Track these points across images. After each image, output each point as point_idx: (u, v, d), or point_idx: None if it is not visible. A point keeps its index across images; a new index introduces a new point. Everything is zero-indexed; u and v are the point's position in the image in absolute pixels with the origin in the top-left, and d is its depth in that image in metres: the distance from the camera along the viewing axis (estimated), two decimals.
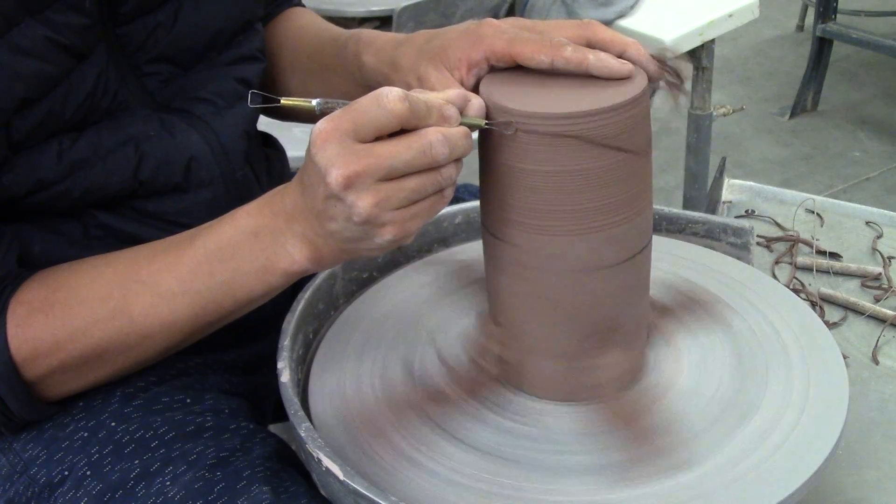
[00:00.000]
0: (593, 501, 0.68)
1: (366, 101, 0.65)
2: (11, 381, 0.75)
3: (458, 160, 0.68)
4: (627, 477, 0.69)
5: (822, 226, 1.20)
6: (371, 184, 0.65)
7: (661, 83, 0.75)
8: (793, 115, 3.43)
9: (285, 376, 0.76)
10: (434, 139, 0.66)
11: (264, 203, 0.74)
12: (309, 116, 0.68)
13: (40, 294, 0.76)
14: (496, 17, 0.78)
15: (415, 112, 0.65)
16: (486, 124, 0.70)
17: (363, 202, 0.65)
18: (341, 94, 0.94)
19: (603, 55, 0.72)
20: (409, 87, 0.80)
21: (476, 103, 0.71)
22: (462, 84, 0.77)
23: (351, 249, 0.71)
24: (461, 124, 0.68)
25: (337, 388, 0.80)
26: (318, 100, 0.68)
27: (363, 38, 0.89)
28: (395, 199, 0.66)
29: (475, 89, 0.75)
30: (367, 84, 0.88)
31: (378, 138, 0.66)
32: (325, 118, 0.66)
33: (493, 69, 0.77)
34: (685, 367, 0.80)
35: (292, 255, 0.72)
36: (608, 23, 2.10)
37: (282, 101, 0.69)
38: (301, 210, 0.70)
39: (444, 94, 0.69)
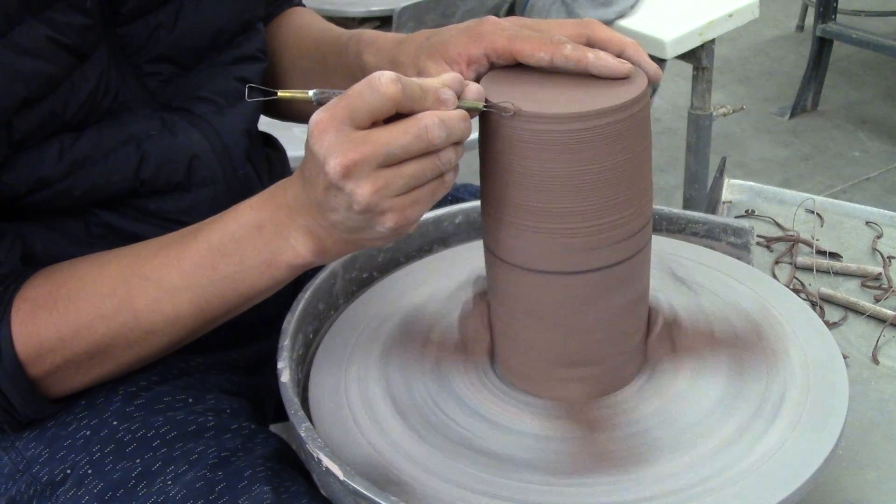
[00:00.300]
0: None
1: (359, 87, 0.65)
2: (16, 378, 0.75)
3: (457, 144, 0.68)
4: (620, 478, 0.69)
5: (822, 226, 1.20)
6: (369, 171, 0.65)
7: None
8: (793, 115, 3.43)
9: (285, 376, 0.76)
10: (430, 122, 0.65)
11: (267, 197, 0.74)
12: (308, 115, 0.68)
13: (44, 291, 0.76)
14: (496, 16, 0.78)
15: (409, 94, 0.65)
16: (485, 106, 0.70)
17: (362, 190, 0.65)
18: None
19: (602, 54, 0.72)
20: None
21: (474, 87, 0.70)
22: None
23: (354, 240, 0.71)
24: (459, 107, 0.68)
25: (337, 388, 0.80)
26: (314, 90, 0.68)
27: (364, 38, 0.89)
28: (395, 185, 0.66)
29: None
30: None
31: (375, 125, 0.65)
32: (321, 108, 0.66)
33: (492, 67, 0.77)
34: (685, 368, 0.80)
35: (296, 248, 0.72)
36: (608, 23, 2.10)
37: (279, 94, 0.69)
38: (303, 202, 0.70)
39: (441, 78, 0.69)
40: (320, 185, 0.67)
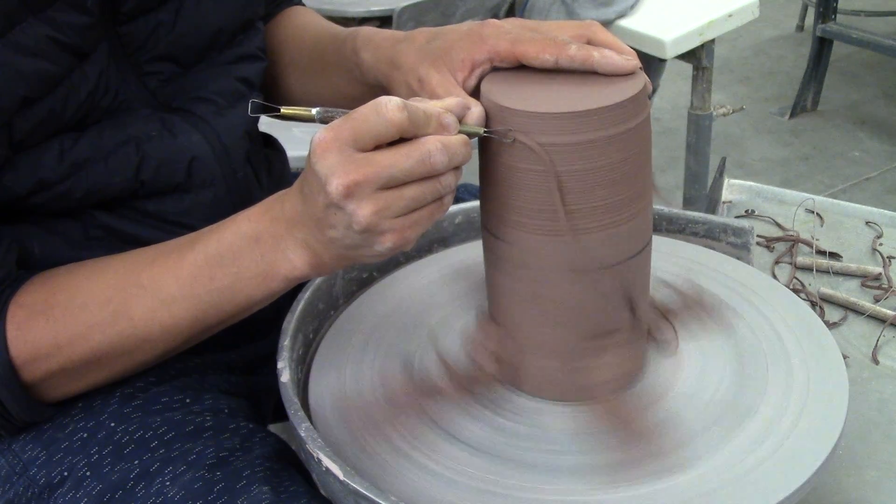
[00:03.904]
0: (587, 501, 0.68)
1: (365, 111, 0.65)
2: (10, 383, 0.75)
3: (457, 168, 0.69)
4: (622, 477, 0.69)
5: (822, 226, 1.20)
6: (371, 192, 0.65)
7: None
8: (793, 115, 3.43)
9: (285, 376, 0.76)
10: (433, 148, 0.66)
11: (265, 209, 0.74)
12: (310, 118, 0.68)
13: (40, 297, 0.76)
14: (496, 17, 0.78)
15: (414, 121, 0.66)
16: (485, 132, 0.71)
17: (363, 211, 0.65)
18: (341, 91, 0.94)
19: (607, 52, 0.73)
20: (409, 87, 0.80)
21: (475, 111, 0.71)
22: (464, 85, 0.77)
23: (351, 256, 0.71)
24: (460, 132, 0.69)
25: (337, 388, 0.80)
26: (317, 108, 0.69)
27: (361, 35, 0.89)
28: (395, 207, 0.66)
29: (477, 89, 0.75)
30: (366, 81, 0.88)
31: (378, 147, 0.66)
32: (325, 127, 0.66)
33: (494, 69, 0.77)
34: (685, 369, 0.80)
35: (293, 261, 0.72)
36: (608, 22, 2.10)
37: (282, 110, 0.69)
38: (301, 217, 0.70)
39: (443, 103, 0.70)
40: (320, 202, 0.67)
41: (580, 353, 0.76)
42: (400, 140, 0.66)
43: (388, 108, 0.65)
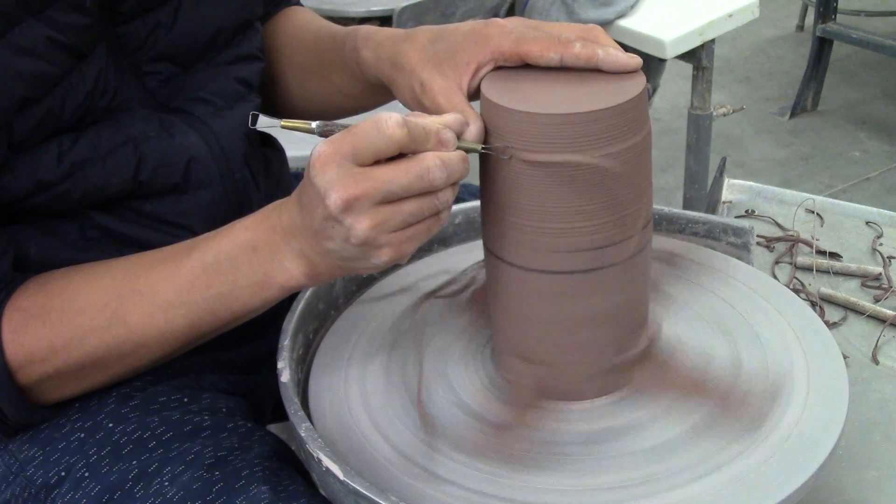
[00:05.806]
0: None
1: (365, 126, 0.66)
2: (6, 385, 0.75)
3: (454, 184, 0.69)
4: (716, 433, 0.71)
5: (822, 226, 1.20)
6: (369, 207, 0.66)
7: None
8: (793, 115, 3.43)
9: (285, 376, 0.76)
10: (432, 164, 0.66)
11: (262, 218, 0.74)
12: (308, 115, 0.68)
13: (37, 300, 0.76)
14: (496, 17, 0.78)
15: (413, 137, 0.66)
16: (483, 148, 0.71)
17: (361, 225, 0.66)
18: (341, 90, 0.94)
19: (611, 50, 0.73)
20: (411, 89, 0.80)
21: (474, 128, 0.71)
22: (467, 87, 0.77)
23: (348, 267, 0.72)
24: (458, 148, 0.69)
25: (337, 388, 0.80)
26: (317, 122, 0.69)
27: (361, 34, 0.89)
28: (393, 221, 0.67)
29: (479, 89, 0.75)
30: (366, 80, 0.88)
31: (377, 162, 0.66)
32: (325, 141, 0.67)
33: (496, 68, 0.77)
34: (688, 368, 0.80)
35: (289, 271, 0.73)
36: (608, 23, 2.10)
37: (282, 124, 0.70)
38: (299, 228, 0.71)
39: (443, 119, 0.70)
40: (318, 214, 0.67)
41: (621, 350, 0.76)
42: (399, 155, 0.67)
43: (388, 125, 0.65)
